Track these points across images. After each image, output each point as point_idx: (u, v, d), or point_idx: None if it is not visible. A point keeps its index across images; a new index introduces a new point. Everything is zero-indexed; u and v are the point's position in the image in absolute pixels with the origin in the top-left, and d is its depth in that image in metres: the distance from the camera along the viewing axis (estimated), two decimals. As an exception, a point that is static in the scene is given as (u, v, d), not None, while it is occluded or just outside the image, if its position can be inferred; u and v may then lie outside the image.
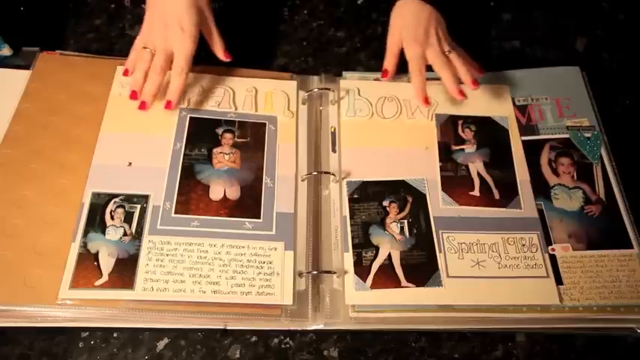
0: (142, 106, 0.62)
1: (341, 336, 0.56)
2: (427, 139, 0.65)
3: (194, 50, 0.62)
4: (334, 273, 0.56)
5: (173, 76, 0.61)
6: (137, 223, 0.56)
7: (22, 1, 0.75)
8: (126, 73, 0.63)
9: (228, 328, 0.54)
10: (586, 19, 0.80)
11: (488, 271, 0.56)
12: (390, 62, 0.67)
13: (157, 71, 0.61)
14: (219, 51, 0.65)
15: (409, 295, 0.55)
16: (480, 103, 0.67)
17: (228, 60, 0.66)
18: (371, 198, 0.60)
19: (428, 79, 0.66)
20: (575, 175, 0.63)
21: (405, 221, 0.59)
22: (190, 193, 0.59)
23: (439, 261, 0.57)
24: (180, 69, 0.61)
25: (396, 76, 0.68)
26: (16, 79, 0.64)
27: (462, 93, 0.64)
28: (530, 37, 0.78)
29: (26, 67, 0.65)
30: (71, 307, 0.52)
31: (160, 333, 0.55)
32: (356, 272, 0.56)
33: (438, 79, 0.65)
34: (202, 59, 0.69)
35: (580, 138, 0.65)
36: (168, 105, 0.62)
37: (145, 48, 0.62)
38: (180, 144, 0.62)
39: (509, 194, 0.61)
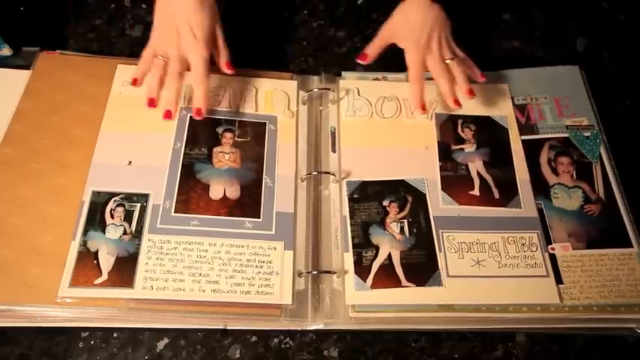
0: (168, 115, 0.61)
1: (341, 336, 0.56)
2: (427, 138, 0.65)
3: (209, 55, 0.60)
4: (334, 273, 0.56)
5: (195, 85, 0.60)
6: (137, 222, 0.56)
7: (22, 1, 0.75)
8: (135, 82, 0.62)
9: (228, 328, 0.54)
10: (586, 19, 0.80)
11: (488, 271, 0.56)
12: (374, 51, 0.66)
13: (176, 78, 0.60)
14: (222, 62, 0.63)
15: (409, 294, 0.55)
16: (480, 102, 0.67)
17: (230, 72, 0.63)
18: (371, 198, 0.60)
19: (427, 78, 0.66)
20: (574, 174, 0.63)
21: (405, 221, 0.59)
22: (190, 192, 0.59)
23: (439, 260, 0.57)
24: (200, 76, 0.60)
25: (393, 75, 0.68)
26: (16, 78, 0.64)
27: (458, 102, 0.63)
28: (530, 37, 0.78)
29: (26, 67, 0.65)
30: (71, 306, 0.52)
31: (160, 333, 0.55)
32: (356, 272, 0.56)
33: None
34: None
35: (579, 137, 0.65)
36: (198, 113, 0.61)
37: (157, 57, 0.61)
38: (181, 143, 0.62)
39: (509, 193, 0.61)
